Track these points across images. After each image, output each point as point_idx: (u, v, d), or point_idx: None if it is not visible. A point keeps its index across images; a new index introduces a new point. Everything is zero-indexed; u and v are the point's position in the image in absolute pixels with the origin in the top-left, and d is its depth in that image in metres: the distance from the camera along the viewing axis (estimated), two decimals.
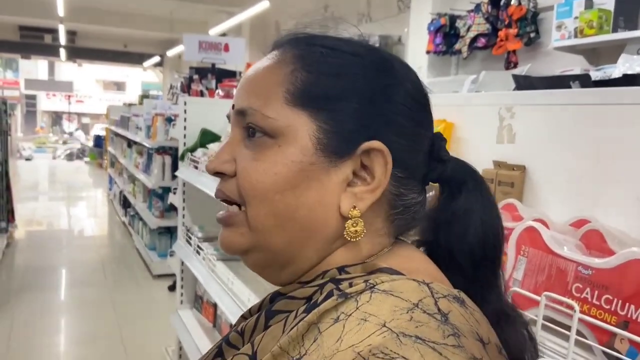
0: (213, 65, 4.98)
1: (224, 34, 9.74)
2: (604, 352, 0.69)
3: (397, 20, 5.67)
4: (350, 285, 0.51)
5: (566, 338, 0.72)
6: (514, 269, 0.86)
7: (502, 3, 3.96)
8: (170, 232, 5.52)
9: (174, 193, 3.43)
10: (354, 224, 0.55)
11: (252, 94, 0.57)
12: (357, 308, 0.48)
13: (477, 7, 4.16)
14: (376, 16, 6.15)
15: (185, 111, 2.95)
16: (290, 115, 0.55)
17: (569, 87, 1.19)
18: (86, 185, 11.72)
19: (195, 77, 4.75)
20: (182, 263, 3.02)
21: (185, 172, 2.83)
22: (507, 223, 0.97)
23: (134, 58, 15.49)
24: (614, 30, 3.23)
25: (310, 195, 0.55)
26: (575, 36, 3.37)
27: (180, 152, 3.01)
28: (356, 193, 0.55)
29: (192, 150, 2.86)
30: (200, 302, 2.93)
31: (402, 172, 0.57)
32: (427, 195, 0.62)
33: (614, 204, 1.03)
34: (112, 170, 8.98)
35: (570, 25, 3.40)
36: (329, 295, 0.51)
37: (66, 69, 25.88)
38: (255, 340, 0.53)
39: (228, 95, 3.37)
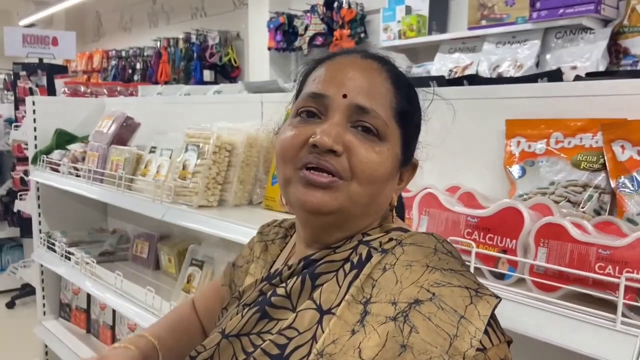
0: (41, 60, 4.61)
1: (32, 25, 8.85)
2: (491, 273, 0.99)
3: (234, 16, 5.82)
4: (380, 244, 0.72)
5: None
6: (419, 225, 1.14)
7: (335, 5, 4.37)
8: None
9: (21, 199, 3.17)
10: (391, 209, 0.79)
11: (371, 98, 0.71)
12: (397, 258, 0.68)
13: (313, 8, 4.52)
14: (211, 11, 6.22)
15: (34, 111, 2.78)
16: (394, 127, 0.73)
17: (429, 85, 1.52)
18: None
19: (23, 73, 4.35)
20: (42, 273, 2.86)
21: (41, 175, 2.68)
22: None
23: None
24: (429, 33, 3.82)
25: (388, 187, 0.75)
26: (400, 37, 3.90)
27: (30, 155, 2.83)
28: (396, 190, 0.79)
29: (47, 152, 2.72)
30: (68, 310, 2.81)
31: None
32: None
33: (472, 173, 1.37)
34: None
35: (394, 28, 3.92)
36: (369, 253, 0.71)
37: None
38: (315, 297, 0.69)
39: (76, 94, 3.22)
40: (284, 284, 0.74)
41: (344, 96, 0.70)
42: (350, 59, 0.75)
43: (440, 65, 3.57)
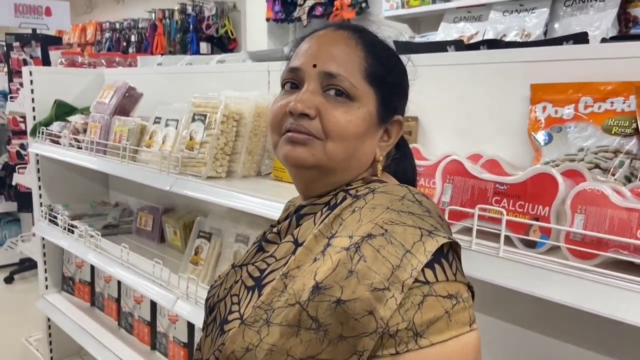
0: (34, 30, 4.50)
1: None
2: (521, 241, 0.97)
3: None
4: (357, 191, 0.80)
5: (491, 239, 0.98)
6: (442, 194, 1.10)
7: None
8: None
9: (19, 172, 3.11)
10: (379, 164, 0.85)
11: (339, 64, 0.79)
12: (366, 202, 0.76)
13: None
14: None
15: (31, 82, 2.70)
16: (365, 88, 0.80)
17: (446, 50, 1.46)
18: None
19: (16, 44, 4.24)
20: (44, 246, 2.82)
21: (40, 147, 2.62)
22: (418, 162, 1.21)
23: None
24: (433, 1, 3.73)
25: (366, 144, 0.81)
26: (403, 7, 3.81)
27: (29, 127, 2.76)
28: (381, 146, 0.85)
29: (47, 124, 2.65)
30: (71, 284, 2.78)
31: None
32: None
33: (493, 141, 1.33)
34: None
35: None
36: (344, 198, 0.80)
37: None
38: (294, 233, 0.81)
39: (73, 64, 3.14)
40: (279, 225, 0.86)
41: (314, 66, 0.79)
42: (324, 32, 0.83)
43: (445, 35, 3.49)
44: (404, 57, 0.87)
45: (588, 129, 1.11)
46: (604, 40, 1.25)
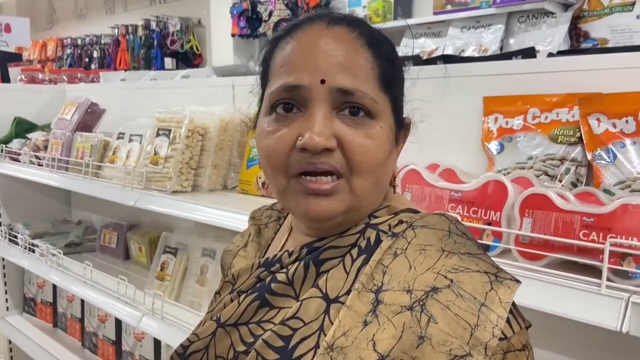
0: None
1: None
2: None
3: (194, 2, 5.69)
4: (389, 227, 0.66)
5: None
6: None
7: None
8: None
9: None
10: (393, 180, 0.72)
11: (352, 75, 0.63)
12: (408, 242, 0.63)
13: None
14: None
15: None
16: (383, 100, 0.65)
17: (405, 65, 1.52)
18: None
19: None
20: (4, 267, 2.75)
21: None
22: None
23: None
24: (395, 18, 3.83)
25: (388, 164, 0.68)
26: None
27: None
28: (393, 158, 0.71)
29: (6, 142, 2.61)
30: (33, 305, 2.72)
31: None
32: None
33: (449, 151, 1.39)
34: None
35: (360, 13, 3.92)
36: (378, 237, 0.65)
37: None
38: (320, 284, 0.64)
39: (34, 81, 3.09)
40: (284, 270, 0.68)
41: (322, 82, 0.62)
42: (316, 30, 0.65)
43: (407, 50, 3.59)
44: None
45: (536, 138, 1.17)
46: (550, 54, 1.32)
